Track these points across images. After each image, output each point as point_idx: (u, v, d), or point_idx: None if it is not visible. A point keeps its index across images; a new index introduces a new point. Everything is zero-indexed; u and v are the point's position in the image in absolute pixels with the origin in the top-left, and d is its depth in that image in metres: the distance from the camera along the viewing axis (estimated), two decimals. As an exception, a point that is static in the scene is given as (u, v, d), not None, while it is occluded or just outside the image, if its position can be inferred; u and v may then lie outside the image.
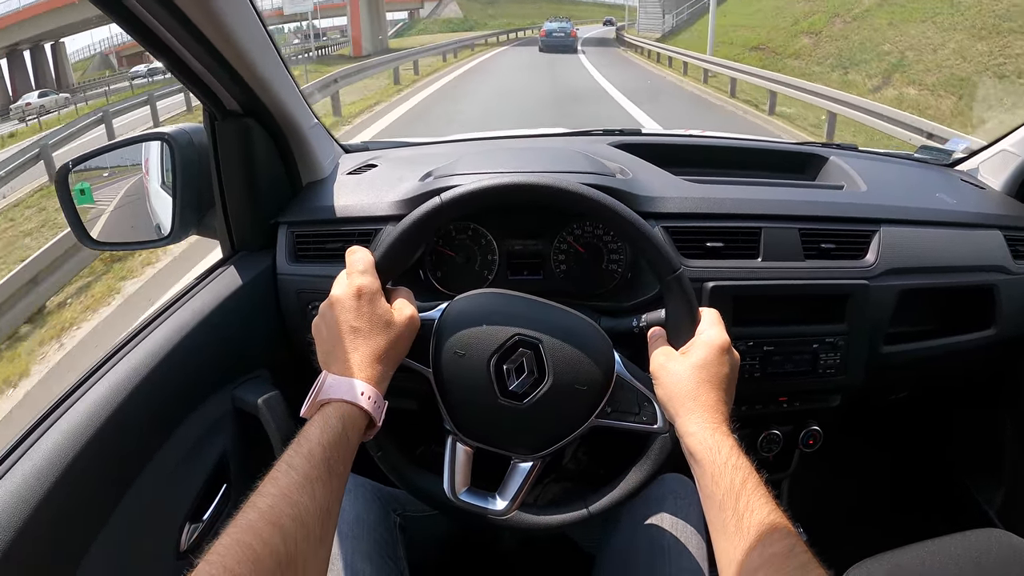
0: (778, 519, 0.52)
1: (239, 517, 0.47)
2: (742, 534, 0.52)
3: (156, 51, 0.74)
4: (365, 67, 11.61)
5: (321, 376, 0.59)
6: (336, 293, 0.63)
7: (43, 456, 0.60)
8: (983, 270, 1.02)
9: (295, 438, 0.54)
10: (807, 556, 0.49)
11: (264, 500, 0.48)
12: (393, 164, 1.07)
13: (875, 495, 1.47)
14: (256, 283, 0.91)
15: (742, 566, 0.50)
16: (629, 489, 0.69)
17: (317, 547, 0.50)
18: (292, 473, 0.51)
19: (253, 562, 0.44)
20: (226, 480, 0.83)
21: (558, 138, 1.32)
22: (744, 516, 0.53)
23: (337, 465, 0.54)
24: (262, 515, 0.47)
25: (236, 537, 0.45)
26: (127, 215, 1.07)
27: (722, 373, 0.64)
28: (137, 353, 0.74)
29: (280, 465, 0.52)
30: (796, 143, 1.39)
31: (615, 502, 0.69)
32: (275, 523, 0.47)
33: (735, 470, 0.56)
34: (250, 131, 0.88)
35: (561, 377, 0.66)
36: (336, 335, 0.61)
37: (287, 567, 0.46)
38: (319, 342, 0.63)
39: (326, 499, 0.51)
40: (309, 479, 0.51)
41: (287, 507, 0.48)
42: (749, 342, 0.91)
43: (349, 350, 0.60)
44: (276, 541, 0.46)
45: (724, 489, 0.55)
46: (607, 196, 0.67)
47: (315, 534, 0.49)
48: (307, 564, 0.48)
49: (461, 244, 0.95)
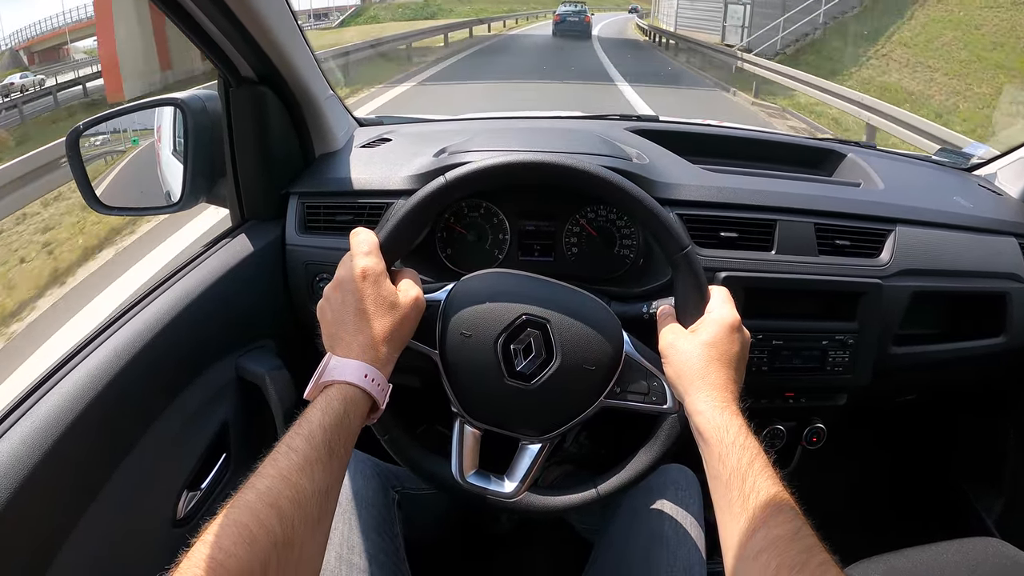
0: (784, 501, 0.51)
1: (237, 497, 0.47)
2: (747, 514, 0.51)
3: (172, 14, 0.73)
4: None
5: (325, 358, 0.59)
6: (340, 275, 0.63)
7: (43, 417, 0.60)
8: (997, 277, 1.01)
9: (297, 420, 0.54)
10: (812, 539, 0.49)
11: (263, 481, 0.48)
12: (407, 139, 1.06)
13: (875, 496, 1.46)
14: (264, 253, 0.91)
15: (746, 547, 0.50)
16: (639, 470, 0.69)
17: (315, 529, 0.50)
18: (292, 455, 0.50)
19: (249, 543, 0.44)
20: (225, 449, 0.83)
21: (575, 120, 1.31)
22: (750, 497, 0.52)
23: (338, 448, 0.53)
24: (260, 496, 0.47)
25: (233, 517, 0.45)
26: (137, 180, 1.07)
27: (732, 351, 0.63)
28: (142, 317, 0.73)
29: (280, 447, 0.51)
30: (814, 138, 1.37)
31: (625, 483, 0.69)
32: (273, 504, 0.47)
33: (743, 450, 0.55)
34: (264, 99, 0.87)
35: (569, 357, 0.65)
36: (340, 317, 0.61)
37: (284, 549, 0.46)
38: (324, 324, 0.63)
39: (325, 482, 0.51)
40: (309, 461, 0.50)
41: (286, 489, 0.48)
42: (758, 335, 0.90)
43: (353, 332, 0.60)
44: (273, 523, 0.46)
45: (731, 469, 0.54)
46: (618, 176, 0.66)
47: (313, 516, 0.49)
48: (304, 546, 0.48)
49: (473, 222, 0.94)
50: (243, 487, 0.48)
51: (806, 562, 0.46)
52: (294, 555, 0.46)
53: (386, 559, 0.77)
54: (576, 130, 1.09)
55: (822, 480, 1.24)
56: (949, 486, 1.34)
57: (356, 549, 0.75)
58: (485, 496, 0.69)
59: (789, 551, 0.47)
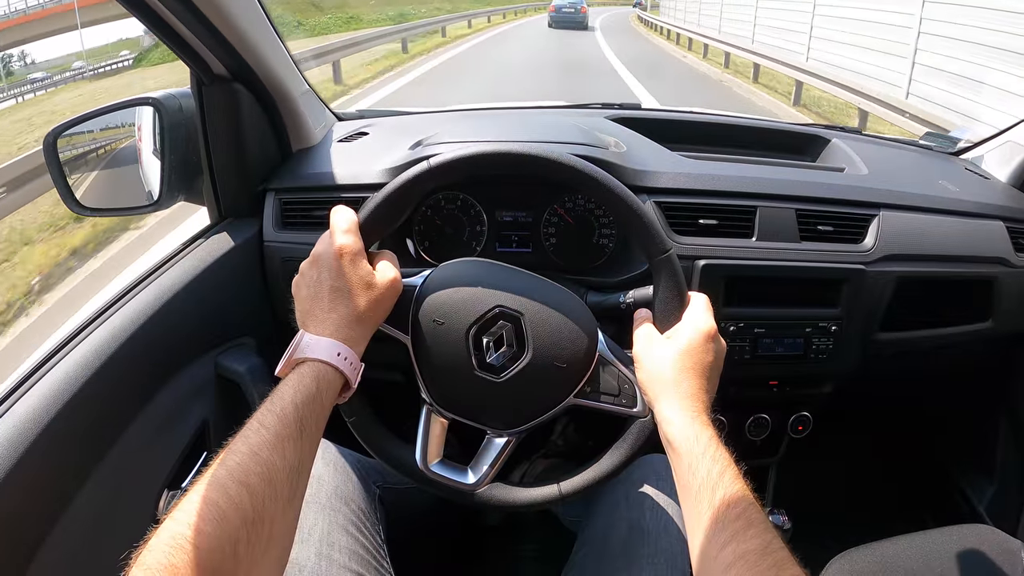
0: (755, 514, 0.51)
1: (207, 474, 0.47)
2: (717, 528, 0.51)
3: (139, 13, 0.72)
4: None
5: (298, 335, 0.59)
6: (318, 251, 0.62)
7: (18, 420, 0.60)
8: (984, 261, 1.00)
9: (268, 396, 0.54)
10: (783, 554, 0.48)
11: (233, 458, 0.48)
12: (385, 132, 1.06)
13: (863, 485, 1.46)
14: (242, 250, 0.90)
15: (715, 560, 0.49)
16: (603, 471, 0.68)
17: (285, 507, 0.49)
18: (263, 431, 0.50)
19: (219, 520, 0.44)
20: (206, 448, 0.83)
21: (555, 110, 1.30)
22: (720, 509, 0.51)
23: (310, 425, 0.53)
24: (230, 472, 0.47)
25: (203, 494, 0.45)
26: (116, 181, 1.06)
27: (706, 361, 0.62)
28: (118, 317, 0.73)
29: (251, 423, 0.51)
30: (799, 124, 1.36)
31: (588, 483, 0.68)
32: (243, 482, 0.46)
33: (713, 461, 0.54)
34: (238, 96, 0.87)
35: (541, 352, 0.64)
36: (315, 294, 0.61)
37: (253, 525, 0.45)
38: (298, 301, 0.62)
39: (296, 458, 0.51)
40: (280, 438, 0.50)
41: (256, 465, 0.48)
42: (740, 323, 0.90)
43: (327, 310, 0.59)
44: (243, 499, 0.45)
45: (700, 480, 0.54)
46: (595, 167, 0.65)
47: (284, 494, 0.49)
48: (274, 523, 0.48)
49: (450, 214, 0.94)
50: (213, 463, 0.48)
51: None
52: (264, 532, 0.46)
53: (367, 555, 0.77)
54: (554, 120, 1.08)
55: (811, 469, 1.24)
56: (939, 473, 1.34)
57: (337, 545, 0.75)
58: (446, 486, 0.69)
59: (759, 565, 0.47)
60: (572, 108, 1.29)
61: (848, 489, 1.44)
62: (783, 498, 1.12)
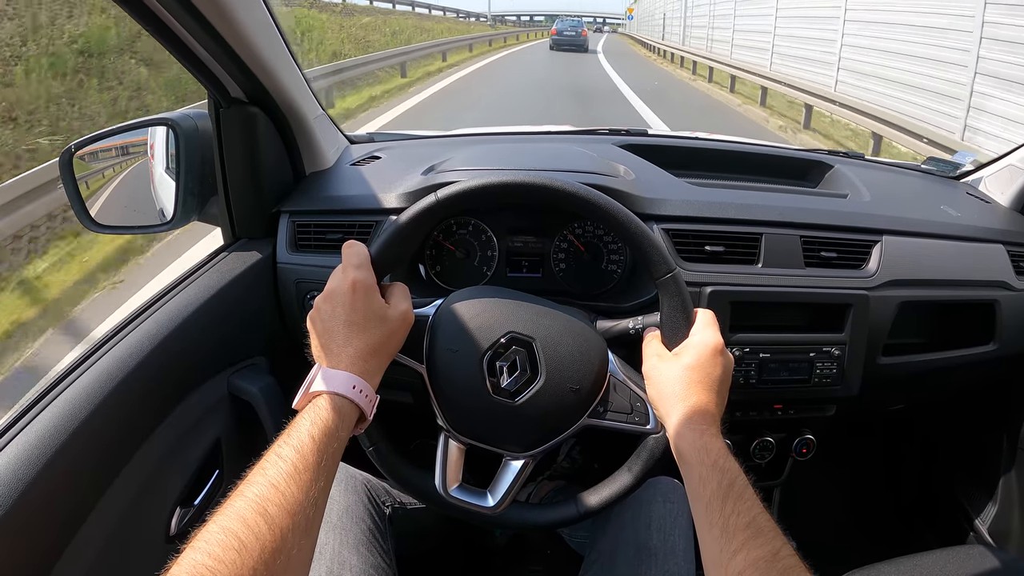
0: (765, 523, 0.52)
1: (226, 505, 0.48)
2: (728, 536, 0.52)
3: (160, 36, 0.74)
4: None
5: (314, 368, 0.60)
6: (332, 287, 0.64)
7: (38, 435, 0.60)
8: (985, 285, 1.01)
9: (285, 429, 0.55)
10: (793, 560, 0.49)
11: (252, 489, 0.49)
12: (397, 157, 1.07)
13: (866, 506, 1.46)
14: (255, 271, 0.91)
15: (726, 569, 0.50)
16: (620, 490, 0.69)
17: (303, 537, 0.50)
18: (281, 463, 0.51)
19: (238, 550, 0.44)
20: (218, 466, 0.84)
21: (564, 135, 1.32)
22: (730, 518, 0.52)
23: (326, 457, 0.54)
24: (249, 503, 0.47)
25: (223, 524, 0.46)
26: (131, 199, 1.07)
27: (714, 375, 0.64)
28: (134, 336, 0.74)
29: (269, 455, 0.52)
30: (802, 149, 1.38)
31: (605, 502, 0.69)
32: (262, 512, 0.47)
33: (723, 472, 0.56)
34: (254, 119, 0.89)
35: (554, 376, 0.66)
36: (330, 328, 0.62)
37: (272, 556, 0.46)
38: (313, 335, 0.64)
39: (314, 490, 0.52)
40: (298, 470, 0.51)
41: (275, 496, 0.49)
42: (745, 348, 0.91)
43: (343, 343, 0.61)
44: (262, 530, 0.46)
45: (711, 490, 0.55)
46: (604, 195, 0.67)
47: (301, 525, 0.50)
48: (292, 554, 0.48)
49: (461, 239, 0.95)
50: (232, 494, 0.49)
51: None
52: (282, 563, 0.47)
53: (378, 574, 0.77)
54: (564, 148, 1.10)
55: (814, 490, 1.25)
56: (941, 494, 1.34)
57: (347, 565, 0.76)
58: (467, 510, 0.70)
59: (769, 573, 0.48)
60: (581, 134, 1.30)
61: (851, 510, 1.44)
62: (786, 520, 1.12)
